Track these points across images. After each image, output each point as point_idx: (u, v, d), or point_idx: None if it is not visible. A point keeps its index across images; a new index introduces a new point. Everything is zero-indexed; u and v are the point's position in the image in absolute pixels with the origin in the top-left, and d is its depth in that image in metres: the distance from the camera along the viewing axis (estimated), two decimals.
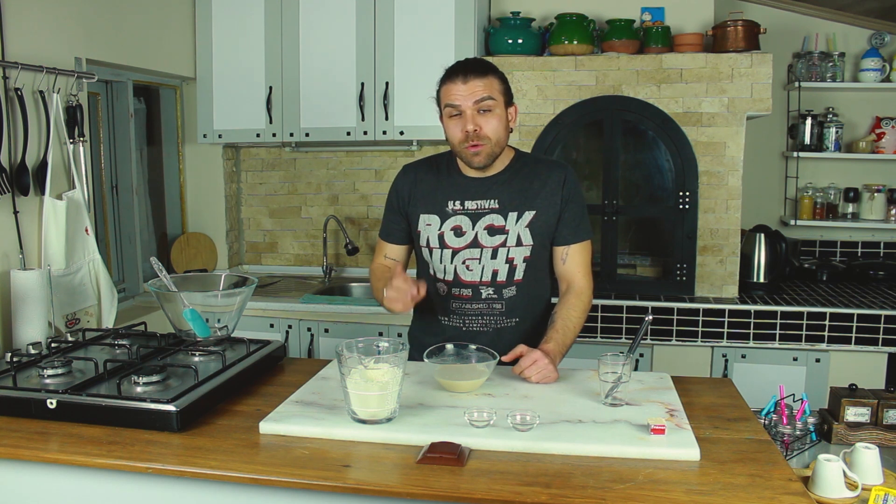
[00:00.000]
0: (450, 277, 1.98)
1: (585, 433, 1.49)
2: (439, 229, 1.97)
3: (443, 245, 1.97)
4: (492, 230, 1.94)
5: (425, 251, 2.00)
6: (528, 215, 1.94)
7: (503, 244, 1.94)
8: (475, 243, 1.95)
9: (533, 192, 1.95)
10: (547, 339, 1.86)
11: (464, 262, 1.96)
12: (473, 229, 1.95)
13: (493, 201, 1.95)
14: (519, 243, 1.94)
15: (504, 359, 1.80)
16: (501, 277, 1.96)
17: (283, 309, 3.23)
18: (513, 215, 1.94)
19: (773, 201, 3.77)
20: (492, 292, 1.97)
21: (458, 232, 1.96)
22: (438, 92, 1.92)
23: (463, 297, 1.98)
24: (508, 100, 1.92)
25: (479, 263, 1.95)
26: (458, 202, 1.96)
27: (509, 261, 1.95)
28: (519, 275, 1.96)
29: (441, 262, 1.98)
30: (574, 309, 1.93)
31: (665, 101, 3.15)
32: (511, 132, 1.95)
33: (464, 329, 1.99)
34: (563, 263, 1.99)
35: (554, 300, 2.04)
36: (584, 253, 1.99)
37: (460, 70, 1.86)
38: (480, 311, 1.98)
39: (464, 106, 1.85)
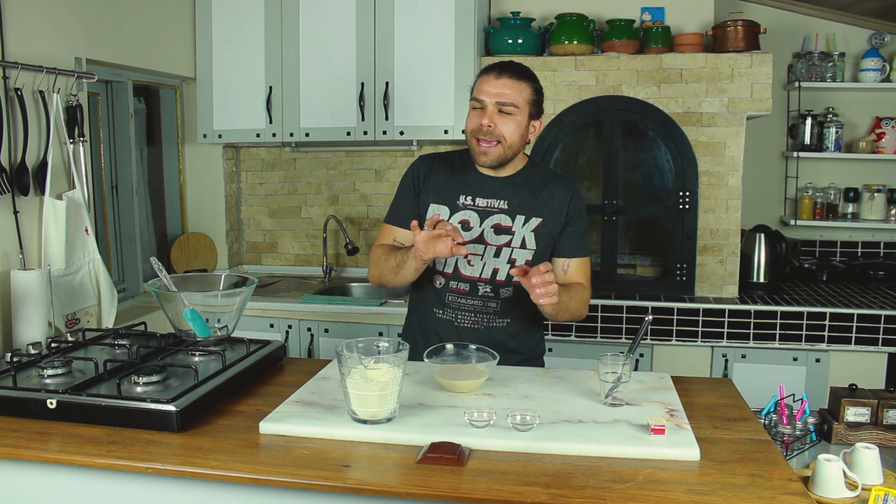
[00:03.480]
0: (449, 270, 1.99)
1: (585, 433, 1.49)
2: (447, 220, 1.98)
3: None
4: (498, 229, 1.96)
5: None
6: (535, 221, 1.96)
7: (507, 244, 1.96)
8: (480, 239, 1.96)
9: (542, 200, 1.98)
10: None
11: (465, 257, 1.97)
12: (481, 226, 1.97)
13: (502, 202, 1.97)
14: (523, 246, 1.96)
15: (512, 272, 1.79)
16: (500, 277, 1.97)
17: (283, 309, 3.23)
18: (520, 218, 1.96)
19: (773, 201, 3.77)
20: (489, 290, 1.98)
21: (465, 226, 1.97)
22: (473, 84, 1.95)
23: (459, 291, 1.99)
24: (536, 112, 1.94)
25: (482, 260, 1.96)
26: (469, 197, 1.98)
27: (511, 261, 1.96)
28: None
29: None
30: (576, 292, 1.95)
31: (665, 101, 3.15)
32: (528, 143, 1.97)
33: (455, 324, 2.00)
34: (564, 274, 2.01)
35: None
36: (584, 267, 2.03)
37: (497, 67, 1.90)
38: (475, 307, 1.99)
39: (487, 101, 1.88)
